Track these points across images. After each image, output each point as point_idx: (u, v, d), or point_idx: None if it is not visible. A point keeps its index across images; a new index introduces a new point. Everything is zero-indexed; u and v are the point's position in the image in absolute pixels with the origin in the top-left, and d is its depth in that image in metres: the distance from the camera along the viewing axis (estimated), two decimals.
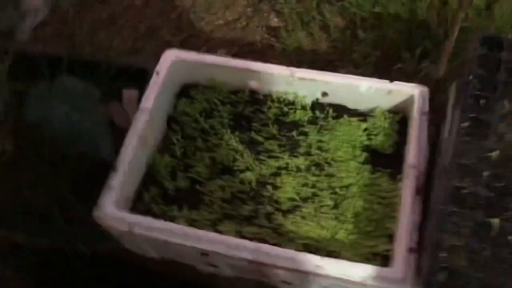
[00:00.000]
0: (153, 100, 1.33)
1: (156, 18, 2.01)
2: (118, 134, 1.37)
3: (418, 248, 1.10)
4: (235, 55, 1.86)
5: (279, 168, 1.31)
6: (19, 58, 1.35)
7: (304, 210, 1.25)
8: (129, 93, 1.43)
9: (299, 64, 1.78)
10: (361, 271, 1.08)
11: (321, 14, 1.84)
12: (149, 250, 1.34)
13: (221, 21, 1.96)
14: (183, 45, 1.92)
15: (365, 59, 1.68)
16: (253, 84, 1.41)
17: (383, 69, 1.72)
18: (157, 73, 1.38)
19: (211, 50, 1.89)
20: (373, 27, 1.74)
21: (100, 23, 2.03)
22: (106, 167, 1.31)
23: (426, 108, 1.25)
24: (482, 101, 1.10)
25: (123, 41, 1.98)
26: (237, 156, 1.34)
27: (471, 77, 1.12)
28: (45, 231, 1.31)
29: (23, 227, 1.34)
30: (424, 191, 1.16)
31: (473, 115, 1.09)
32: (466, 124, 1.09)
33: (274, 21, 1.91)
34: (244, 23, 1.94)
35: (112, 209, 1.20)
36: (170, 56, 1.40)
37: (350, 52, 1.74)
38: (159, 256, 1.38)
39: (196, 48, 1.91)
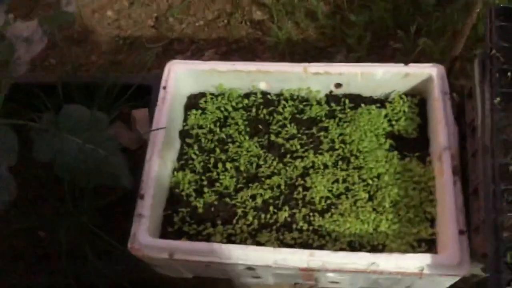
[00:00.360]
0: (166, 117, 1.26)
1: (132, 27, 1.92)
2: (128, 156, 1.31)
3: (468, 230, 1.10)
4: (224, 55, 1.81)
5: (305, 168, 1.28)
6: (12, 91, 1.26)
7: (340, 207, 1.22)
8: (138, 113, 1.36)
9: (291, 56, 1.76)
10: (417, 261, 1.07)
11: (304, 0, 1.80)
12: (184, 271, 1.29)
13: (201, 22, 1.89)
14: (167, 51, 1.85)
15: (360, 43, 1.66)
16: (263, 85, 1.37)
17: (378, 50, 1.71)
18: (164, 88, 1.31)
19: (197, 53, 1.83)
20: (361, 9, 1.72)
21: (72, 40, 1.93)
22: (127, 195, 1.25)
23: (447, 87, 1.24)
24: (509, 74, 1.10)
25: (101, 56, 1.89)
26: (261, 162, 1.30)
27: (494, 51, 1.11)
28: (74, 270, 1.24)
29: (48, 269, 1.26)
30: (460, 171, 1.16)
31: (504, 89, 1.09)
32: (497, 99, 1.08)
33: (257, 14, 1.86)
34: (226, 20, 1.88)
35: (148, 239, 1.14)
36: (174, 68, 1.33)
37: (342, 36, 1.72)
38: (194, 275, 1.34)
39: (181, 52, 1.85)
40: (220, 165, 1.30)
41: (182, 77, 1.33)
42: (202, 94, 1.40)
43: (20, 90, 1.38)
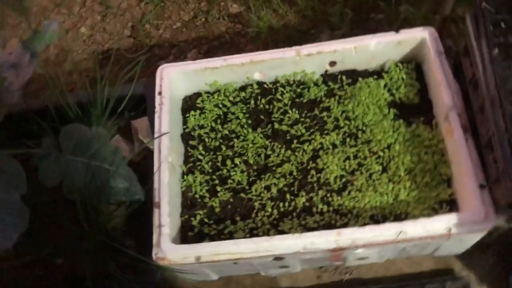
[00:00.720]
0: (167, 123, 1.24)
1: (109, 40, 1.89)
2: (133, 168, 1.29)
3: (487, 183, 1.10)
4: (207, 53, 1.79)
5: (314, 150, 1.27)
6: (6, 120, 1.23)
7: (356, 183, 1.22)
8: (138, 123, 1.33)
9: (275, 44, 1.74)
10: (443, 223, 1.07)
11: None
12: (211, 273, 1.27)
13: (179, 24, 1.87)
14: (148, 58, 1.82)
15: (342, 20, 1.65)
16: (257, 75, 1.35)
17: (360, 24, 1.71)
18: (160, 93, 1.29)
19: (180, 55, 1.81)
20: None
21: (50, 63, 1.88)
22: (141, 206, 1.23)
23: (441, 48, 1.24)
24: (503, 24, 1.10)
25: (83, 74, 1.85)
26: (269, 152, 1.29)
27: (484, 4, 1.12)
28: None
29: None
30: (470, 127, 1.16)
31: (500, 40, 1.09)
32: (496, 51, 1.09)
33: (234, 7, 1.84)
34: (203, 19, 1.86)
35: (172, 246, 1.12)
36: (166, 72, 1.31)
37: (323, 16, 1.71)
38: (220, 276, 1.33)
39: (163, 57, 1.82)
40: (228, 161, 1.28)
41: (175, 80, 1.31)
42: (198, 94, 1.38)
43: (9, 118, 1.35)
